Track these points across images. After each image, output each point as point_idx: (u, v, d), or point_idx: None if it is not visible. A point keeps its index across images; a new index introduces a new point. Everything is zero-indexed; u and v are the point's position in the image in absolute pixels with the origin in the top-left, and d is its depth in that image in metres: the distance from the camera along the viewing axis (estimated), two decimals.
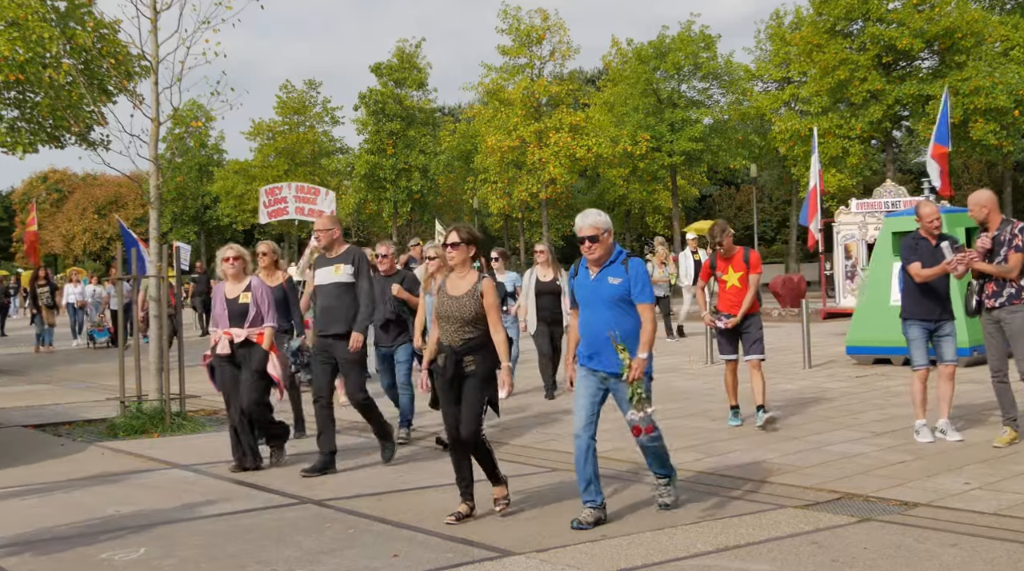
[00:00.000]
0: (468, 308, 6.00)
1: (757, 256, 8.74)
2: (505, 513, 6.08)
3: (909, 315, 7.82)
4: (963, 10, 31.42)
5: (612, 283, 5.73)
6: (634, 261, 5.85)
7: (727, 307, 8.62)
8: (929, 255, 7.72)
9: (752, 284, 8.53)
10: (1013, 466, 6.76)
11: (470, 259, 6.20)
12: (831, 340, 15.22)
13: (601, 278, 5.78)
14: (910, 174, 48.07)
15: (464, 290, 6.05)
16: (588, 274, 5.86)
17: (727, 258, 8.65)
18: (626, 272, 5.75)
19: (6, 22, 15.30)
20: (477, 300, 6.00)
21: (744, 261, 8.59)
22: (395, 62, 45.99)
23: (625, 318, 5.74)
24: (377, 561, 5.22)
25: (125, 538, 5.84)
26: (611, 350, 5.68)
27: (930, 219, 7.78)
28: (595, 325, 5.77)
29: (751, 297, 8.52)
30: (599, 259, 5.78)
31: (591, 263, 5.83)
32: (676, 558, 5.06)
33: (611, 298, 5.73)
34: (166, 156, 14.75)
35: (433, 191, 46.31)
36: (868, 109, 31.98)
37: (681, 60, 37.22)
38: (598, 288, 5.78)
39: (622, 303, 5.74)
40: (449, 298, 6.09)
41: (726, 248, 8.62)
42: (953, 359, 7.78)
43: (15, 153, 17.48)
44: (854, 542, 5.23)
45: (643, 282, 5.76)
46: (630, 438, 8.42)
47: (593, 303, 5.80)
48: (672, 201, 40.89)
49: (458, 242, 6.15)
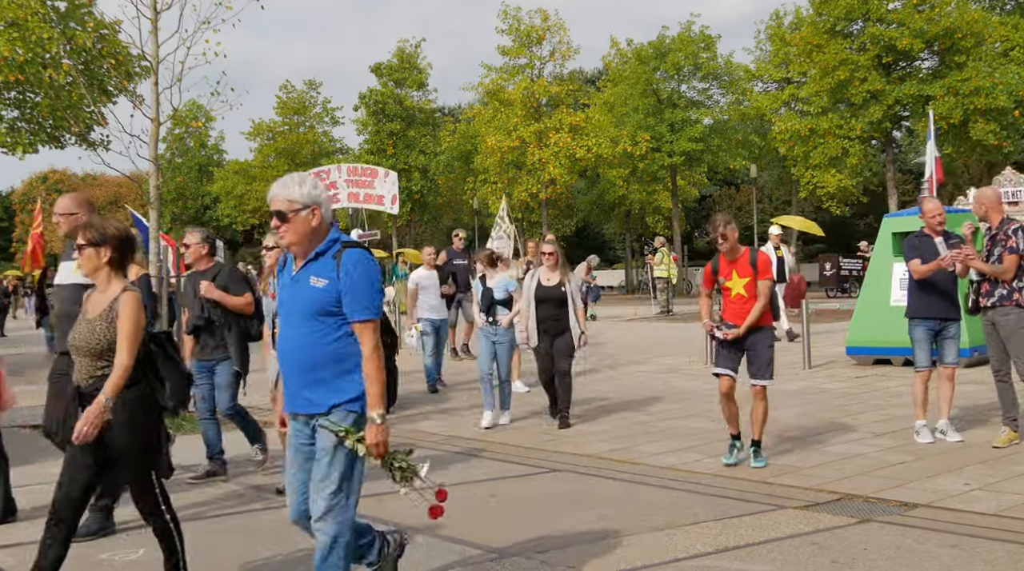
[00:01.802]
0: (98, 336, 4.38)
1: (767, 258, 7.25)
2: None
3: (914, 314, 7.78)
4: (963, 10, 31.44)
5: (314, 286, 3.82)
6: (352, 254, 3.84)
7: (732, 317, 7.23)
8: (931, 253, 7.69)
9: (762, 292, 7.07)
10: (1013, 467, 6.75)
11: (114, 268, 4.54)
12: (831, 340, 15.21)
13: (302, 278, 3.89)
14: (910, 174, 48.10)
15: (99, 310, 4.45)
16: (292, 271, 3.99)
17: (732, 260, 7.21)
18: (337, 270, 3.82)
19: (6, 22, 15.30)
20: (112, 323, 4.39)
21: (751, 264, 7.14)
22: (395, 62, 46.04)
23: (329, 343, 3.81)
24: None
25: (125, 538, 5.83)
26: (314, 385, 3.85)
27: (932, 214, 7.74)
28: (287, 349, 3.93)
29: (760, 307, 7.05)
30: (299, 248, 3.92)
31: (295, 255, 3.98)
32: (676, 559, 5.05)
33: (310, 309, 3.83)
34: (166, 156, 14.74)
35: (433, 191, 46.34)
36: (868, 109, 31.99)
37: (681, 60, 37.25)
38: (296, 293, 3.90)
39: (327, 318, 3.82)
40: (84, 323, 4.48)
41: (731, 245, 7.15)
42: (954, 361, 7.73)
43: (15, 153, 17.49)
44: (854, 543, 5.22)
45: (366, 288, 3.81)
46: (630, 438, 8.48)
47: (288, 315, 3.95)
48: (672, 201, 40.91)
49: (83, 244, 4.52)
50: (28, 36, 15.07)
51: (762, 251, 7.71)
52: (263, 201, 47.50)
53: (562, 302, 9.04)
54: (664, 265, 25.19)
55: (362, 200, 12.90)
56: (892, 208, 31.87)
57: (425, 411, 10.53)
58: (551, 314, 9.06)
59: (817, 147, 33.17)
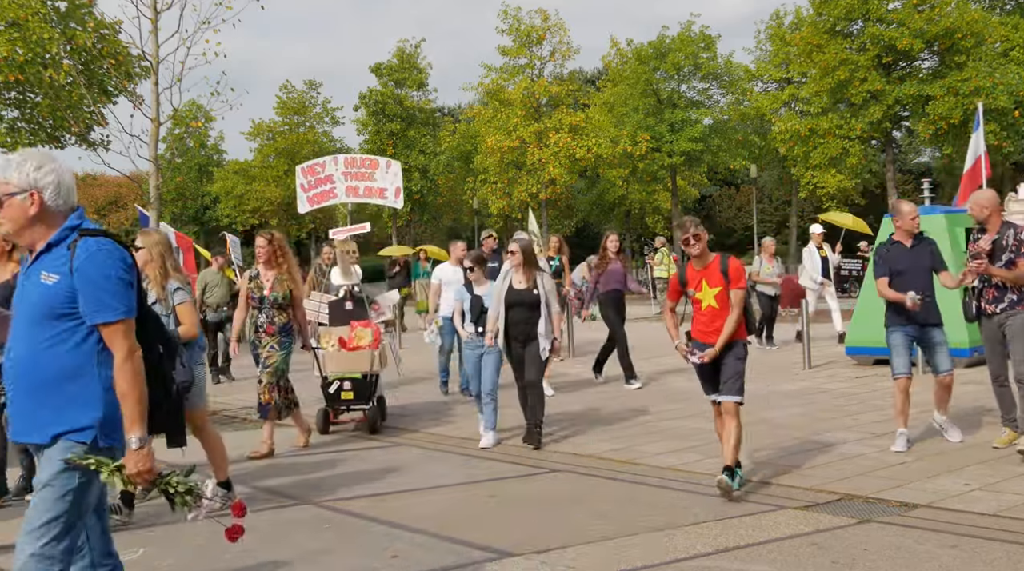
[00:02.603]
0: None
1: (739, 265, 6.62)
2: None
3: (891, 323, 7.46)
4: (963, 10, 31.45)
5: (44, 282, 3.23)
6: (88, 245, 3.25)
7: (703, 334, 6.56)
8: (905, 260, 7.39)
9: (735, 303, 6.46)
10: (1013, 467, 6.75)
11: None
12: (831, 340, 15.21)
13: (32, 274, 3.33)
14: (910, 174, 48.11)
15: None
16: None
17: (700, 269, 6.58)
18: (70, 263, 3.23)
19: (6, 22, 15.30)
20: None
21: (722, 272, 6.49)
22: (395, 62, 46.05)
23: (61, 355, 3.21)
24: (376, 561, 5.22)
25: (124, 538, 5.83)
26: (40, 408, 3.25)
27: (912, 215, 7.45)
28: (12, 361, 3.33)
29: (735, 320, 6.43)
30: (20, 239, 3.38)
31: (27, 248, 3.45)
32: (676, 559, 5.05)
33: (40, 310, 3.25)
34: (166, 156, 14.76)
35: (433, 191, 46.35)
36: (868, 109, 32.00)
37: (681, 60, 37.25)
38: (25, 292, 3.33)
39: (60, 323, 3.21)
40: None
41: (700, 252, 6.52)
42: (948, 369, 7.44)
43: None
44: (854, 543, 5.22)
45: (105, 283, 3.21)
46: (630, 438, 8.48)
47: (17, 320, 3.35)
48: (672, 201, 40.90)
49: None
50: (28, 36, 15.08)
51: (733, 257, 6.72)
52: (263, 201, 47.58)
53: (534, 306, 8.23)
54: (664, 265, 25.21)
55: (362, 194, 11.10)
56: None
57: (428, 410, 10.52)
58: (522, 318, 8.23)
59: (817, 147, 33.18)
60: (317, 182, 11.16)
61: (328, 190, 11.07)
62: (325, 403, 9.43)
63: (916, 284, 7.30)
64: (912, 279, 7.36)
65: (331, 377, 9.28)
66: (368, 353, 9.34)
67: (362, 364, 9.27)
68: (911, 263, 7.44)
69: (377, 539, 5.66)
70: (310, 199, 11.22)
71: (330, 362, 9.32)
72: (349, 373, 9.27)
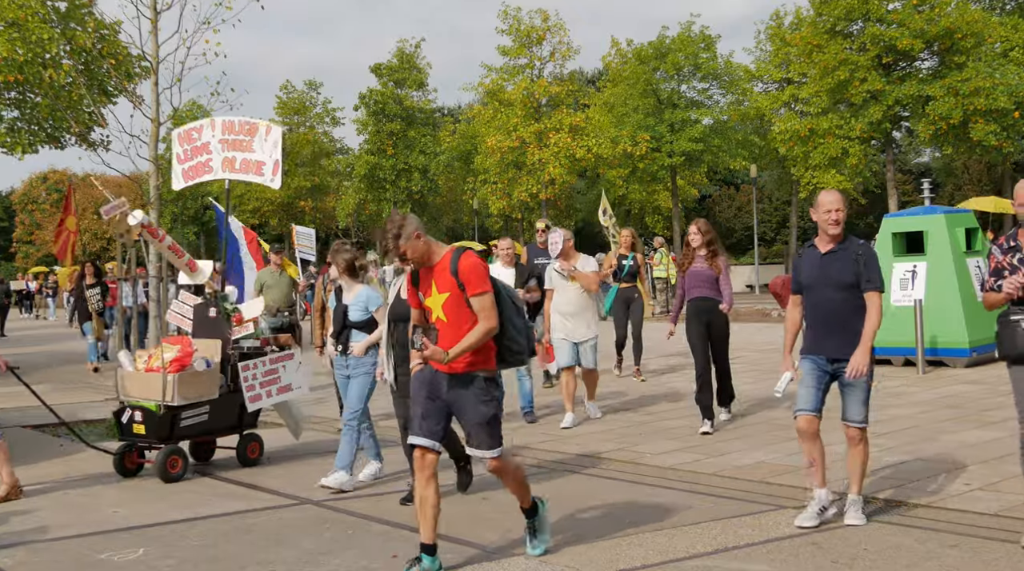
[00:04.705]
0: None
1: (475, 262, 4.80)
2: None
3: (804, 350, 5.72)
4: (963, 10, 31.44)
5: None
6: None
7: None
8: (813, 271, 5.58)
9: (481, 313, 4.78)
10: (1013, 467, 6.73)
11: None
12: None
13: None
14: (910, 174, 48.11)
15: None
16: None
17: (428, 268, 4.92)
18: None
19: (6, 22, 15.29)
20: None
21: (452, 273, 4.79)
22: (395, 62, 46.02)
23: None
24: (376, 561, 5.22)
25: (124, 538, 5.83)
26: None
27: (827, 208, 5.51)
28: None
29: (475, 338, 4.77)
30: None
31: None
32: (676, 559, 5.05)
33: None
34: (166, 156, 14.74)
35: (433, 191, 46.36)
36: (868, 110, 31.98)
37: (681, 61, 37.23)
38: None
39: None
40: None
41: (423, 251, 4.86)
42: (860, 420, 5.55)
43: (15, 153, 17.48)
44: (854, 543, 5.22)
45: None
46: (630, 438, 8.47)
47: None
48: (672, 202, 40.88)
49: None
50: (28, 36, 15.07)
51: (469, 251, 4.83)
52: (263, 201, 47.52)
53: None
54: (663, 265, 25.20)
55: (239, 168, 8.92)
56: (892, 208, 31.88)
57: None
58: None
59: (817, 147, 33.15)
60: (194, 151, 9.14)
61: (204, 162, 9.06)
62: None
63: (821, 307, 5.54)
64: (817, 298, 5.57)
65: (126, 403, 7.48)
66: (160, 377, 7.13)
67: (152, 391, 7.21)
68: (819, 276, 5.55)
69: (377, 539, 5.66)
70: (185, 173, 9.19)
71: (128, 383, 7.46)
72: (143, 401, 7.35)
